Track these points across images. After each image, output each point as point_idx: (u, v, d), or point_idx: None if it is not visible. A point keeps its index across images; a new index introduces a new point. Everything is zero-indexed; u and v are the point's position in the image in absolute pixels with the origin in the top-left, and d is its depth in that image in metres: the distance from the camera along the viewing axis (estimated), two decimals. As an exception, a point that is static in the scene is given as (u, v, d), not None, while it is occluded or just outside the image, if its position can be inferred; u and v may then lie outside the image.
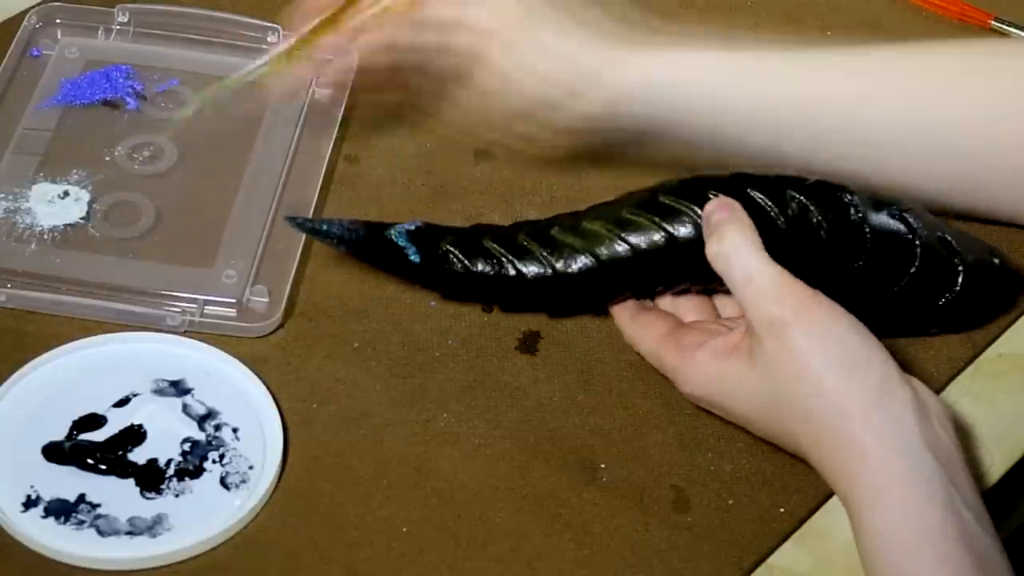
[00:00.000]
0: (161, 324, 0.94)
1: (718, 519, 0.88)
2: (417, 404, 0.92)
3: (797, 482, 0.90)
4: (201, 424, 0.90)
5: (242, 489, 0.87)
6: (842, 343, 0.83)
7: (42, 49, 1.07)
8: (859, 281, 0.90)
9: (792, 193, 0.89)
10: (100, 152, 1.02)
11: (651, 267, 0.90)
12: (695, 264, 0.89)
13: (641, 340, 0.92)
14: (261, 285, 0.96)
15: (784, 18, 1.16)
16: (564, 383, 0.94)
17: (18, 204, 0.98)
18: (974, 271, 0.92)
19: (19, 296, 0.94)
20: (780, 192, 0.89)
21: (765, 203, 0.89)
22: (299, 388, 0.92)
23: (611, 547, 0.87)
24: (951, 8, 1.17)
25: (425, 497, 0.88)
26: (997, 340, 0.98)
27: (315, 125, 1.05)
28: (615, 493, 0.89)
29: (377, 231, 0.93)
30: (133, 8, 1.08)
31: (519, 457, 0.90)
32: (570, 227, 0.92)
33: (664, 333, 0.91)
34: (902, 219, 0.91)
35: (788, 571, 0.87)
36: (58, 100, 1.04)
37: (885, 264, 0.90)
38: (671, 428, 0.92)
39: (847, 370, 0.83)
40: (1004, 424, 0.94)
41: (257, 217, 0.99)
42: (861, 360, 0.83)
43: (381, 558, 0.86)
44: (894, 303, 0.91)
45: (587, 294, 0.92)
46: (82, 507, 0.85)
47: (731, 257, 0.86)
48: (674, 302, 0.94)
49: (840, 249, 0.89)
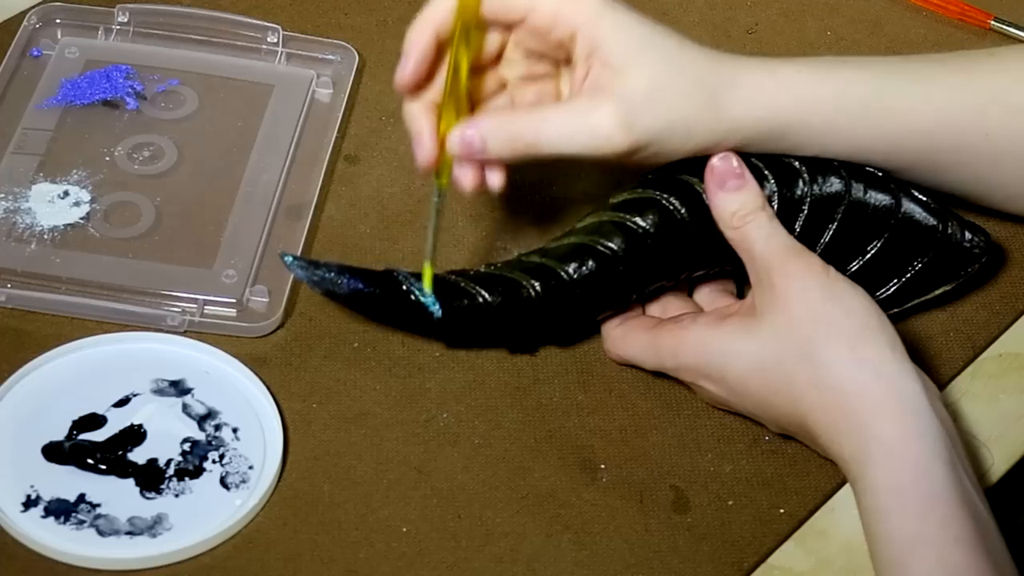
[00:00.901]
0: (161, 324, 0.94)
1: (718, 520, 0.88)
2: (417, 404, 0.92)
3: (797, 483, 0.90)
4: (201, 424, 0.90)
5: (242, 489, 0.87)
6: (856, 307, 0.86)
7: (42, 49, 1.07)
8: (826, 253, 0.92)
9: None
10: (100, 152, 1.02)
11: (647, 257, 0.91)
12: (670, 256, 0.90)
13: (633, 339, 0.92)
14: (261, 285, 0.96)
15: (784, 18, 1.16)
16: (564, 383, 0.94)
17: (18, 204, 0.98)
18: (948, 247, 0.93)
19: (19, 296, 0.94)
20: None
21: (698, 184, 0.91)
22: (299, 388, 0.92)
23: (611, 547, 0.87)
24: (951, 8, 1.17)
25: (425, 497, 0.88)
26: (997, 340, 0.98)
27: (315, 125, 1.05)
28: (615, 493, 0.89)
29: (384, 280, 0.91)
30: (133, 8, 1.08)
31: (519, 457, 0.90)
32: (544, 252, 0.92)
33: (654, 323, 0.92)
34: (892, 194, 0.92)
35: (788, 571, 0.87)
36: (58, 100, 1.04)
37: (848, 236, 0.92)
38: (671, 428, 0.92)
39: (861, 331, 0.85)
40: (1004, 424, 0.94)
41: (257, 217, 0.99)
42: (874, 324, 0.85)
43: (381, 558, 0.86)
44: (864, 275, 0.92)
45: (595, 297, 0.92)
46: (82, 507, 0.85)
47: (749, 215, 0.88)
48: (658, 305, 0.94)
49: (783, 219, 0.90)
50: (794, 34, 1.14)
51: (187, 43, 1.08)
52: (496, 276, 0.91)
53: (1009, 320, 0.99)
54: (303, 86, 1.07)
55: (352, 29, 1.12)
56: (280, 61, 1.08)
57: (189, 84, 1.06)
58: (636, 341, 0.92)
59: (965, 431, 0.93)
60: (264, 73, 1.08)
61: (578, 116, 0.88)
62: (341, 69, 1.08)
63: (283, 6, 1.13)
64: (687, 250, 0.91)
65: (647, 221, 0.90)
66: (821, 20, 1.16)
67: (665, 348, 0.90)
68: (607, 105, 0.87)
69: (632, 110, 0.87)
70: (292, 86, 1.07)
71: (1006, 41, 1.15)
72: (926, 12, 1.17)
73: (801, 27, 1.15)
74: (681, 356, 0.90)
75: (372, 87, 1.09)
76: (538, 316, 0.91)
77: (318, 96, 1.07)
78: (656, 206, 0.90)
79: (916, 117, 0.92)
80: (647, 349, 0.91)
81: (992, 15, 1.16)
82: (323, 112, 1.06)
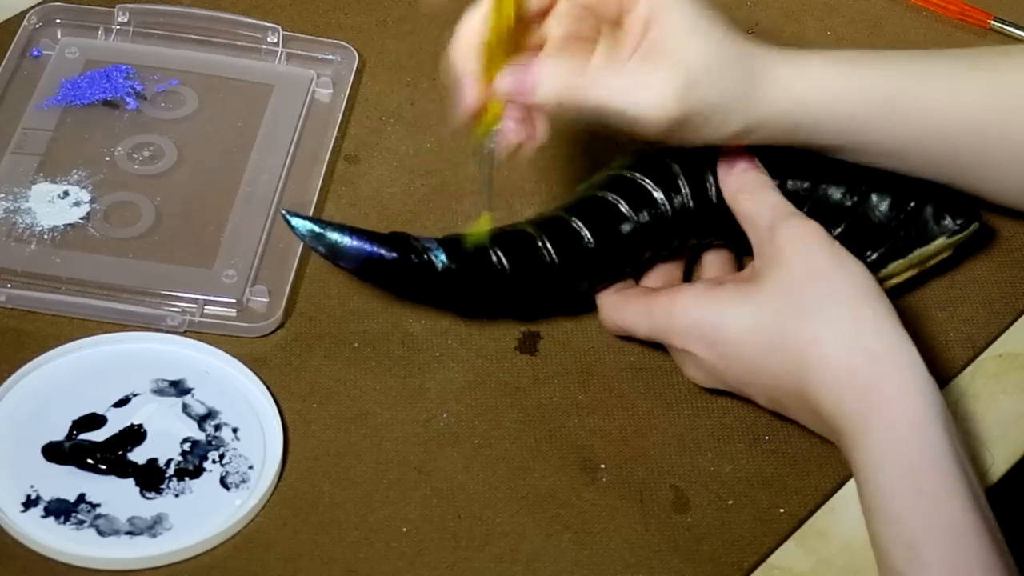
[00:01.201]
0: (161, 324, 0.94)
1: (718, 519, 0.88)
2: (417, 404, 0.92)
3: (797, 482, 0.90)
4: (201, 424, 0.90)
5: (242, 489, 0.87)
6: (857, 274, 0.87)
7: (42, 49, 1.07)
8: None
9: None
10: (100, 152, 1.02)
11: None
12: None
13: (627, 304, 0.92)
14: (261, 285, 0.96)
15: (784, 18, 1.16)
16: (564, 383, 0.94)
17: (18, 204, 0.98)
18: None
19: (19, 296, 0.94)
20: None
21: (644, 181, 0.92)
22: (299, 388, 0.92)
23: (611, 547, 0.87)
24: (951, 8, 1.17)
25: (425, 497, 0.88)
26: (997, 340, 0.98)
27: (315, 125, 1.05)
28: (615, 493, 0.89)
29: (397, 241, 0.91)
30: (133, 8, 1.08)
31: (519, 457, 0.90)
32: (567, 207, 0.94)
33: (649, 291, 0.93)
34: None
35: (788, 571, 0.87)
36: (58, 100, 1.04)
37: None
38: (671, 428, 0.92)
39: (862, 294, 0.86)
40: (1004, 424, 0.94)
41: (257, 217, 0.99)
42: (874, 291, 0.87)
43: (381, 558, 0.86)
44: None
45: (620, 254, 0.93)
46: (82, 507, 0.85)
47: (758, 188, 0.91)
48: (653, 277, 0.96)
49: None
50: (794, 34, 1.14)
51: (187, 43, 1.08)
52: (513, 233, 0.92)
53: (1009, 320, 0.99)
54: (303, 86, 1.07)
55: (352, 29, 1.12)
56: (280, 61, 1.08)
57: (189, 84, 1.06)
58: (630, 306, 0.92)
59: (965, 431, 0.93)
60: (264, 73, 1.08)
61: (634, 77, 0.87)
62: (341, 69, 1.08)
63: (283, 6, 1.13)
64: (690, 222, 0.93)
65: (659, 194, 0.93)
66: (821, 20, 1.16)
67: (659, 310, 0.91)
68: (665, 71, 0.87)
69: (689, 80, 0.86)
70: (292, 86, 1.07)
71: (1006, 41, 1.15)
72: (926, 12, 1.17)
73: (801, 27, 1.15)
74: (675, 317, 0.90)
75: (372, 87, 1.09)
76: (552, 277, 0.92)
77: (318, 96, 1.07)
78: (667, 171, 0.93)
79: (939, 116, 0.92)
80: (640, 313, 0.92)
81: (992, 15, 1.16)
82: (323, 112, 1.06)
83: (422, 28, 1.13)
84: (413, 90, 1.09)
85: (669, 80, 0.86)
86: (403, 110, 1.07)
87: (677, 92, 0.86)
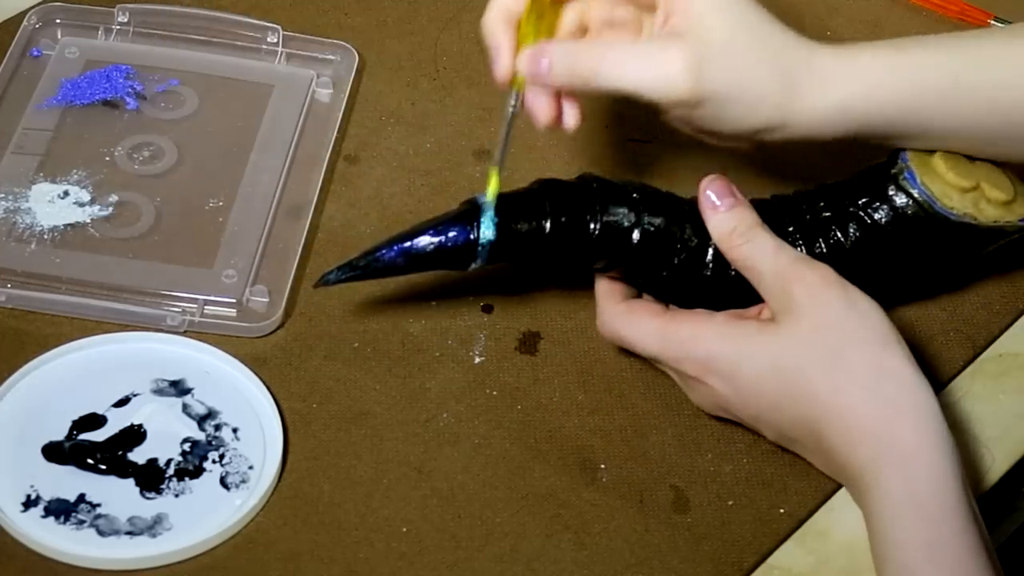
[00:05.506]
0: (161, 324, 0.94)
1: (718, 520, 0.88)
2: (417, 404, 0.92)
3: (797, 482, 0.90)
4: (201, 424, 0.90)
5: (242, 489, 0.87)
6: (872, 316, 0.86)
7: (42, 49, 1.07)
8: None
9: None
10: (100, 152, 1.02)
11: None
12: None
13: (638, 323, 0.90)
14: (261, 285, 0.96)
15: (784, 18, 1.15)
16: (564, 383, 0.94)
17: (18, 204, 0.98)
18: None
19: (19, 296, 0.94)
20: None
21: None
22: (299, 388, 0.92)
23: (611, 547, 0.87)
24: (951, 8, 1.17)
25: (425, 497, 0.88)
26: (997, 340, 0.98)
27: (315, 125, 1.05)
28: (615, 493, 0.89)
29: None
30: (133, 8, 1.09)
31: (519, 457, 0.90)
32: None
33: (662, 310, 0.91)
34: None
35: (788, 571, 0.87)
36: (58, 100, 1.04)
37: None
38: (671, 428, 0.92)
39: (882, 340, 0.85)
40: (1004, 424, 0.94)
41: (257, 217, 0.99)
42: (891, 334, 0.85)
43: (381, 558, 0.86)
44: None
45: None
46: (82, 507, 0.85)
47: (748, 232, 0.89)
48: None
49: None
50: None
51: (187, 43, 1.08)
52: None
53: (1009, 320, 0.99)
54: (303, 86, 1.07)
55: (352, 29, 1.12)
56: (280, 61, 1.08)
57: (189, 84, 1.06)
58: (641, 323, 0.90)
59: (965, 431, 0.93)
60: (264, 73, 1.08)
61: (645, 54, 0.87)
62: (341, 69, 1.08)
63: (283, 6, 1.13)
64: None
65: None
66: (821, 20, 1.16)
67: (675, 336, 0.89)
68: (678, 48, 0.86)
69: (703, 58, 0.86)
70: (292, 86, 1.07)
71: (1006, 41, 1.15)
72: (926, 12, 1.17)
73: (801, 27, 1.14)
74: (693, 348, 0.88)
75: (372, 87, 1.09)
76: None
77: (318, 96, 1.07)
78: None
79: (993, 100, 0.90)
80: (651, 334, 0.90)
81: (992, 15, 1.16)
82: (323, 112, 1.06)
83: (422, 28, 1.13)
84: (413, 90, 1.09)
85: (681, 57, 0.86)
86: (403, 110, 1.07)
87: (688, 68, 0.85)
